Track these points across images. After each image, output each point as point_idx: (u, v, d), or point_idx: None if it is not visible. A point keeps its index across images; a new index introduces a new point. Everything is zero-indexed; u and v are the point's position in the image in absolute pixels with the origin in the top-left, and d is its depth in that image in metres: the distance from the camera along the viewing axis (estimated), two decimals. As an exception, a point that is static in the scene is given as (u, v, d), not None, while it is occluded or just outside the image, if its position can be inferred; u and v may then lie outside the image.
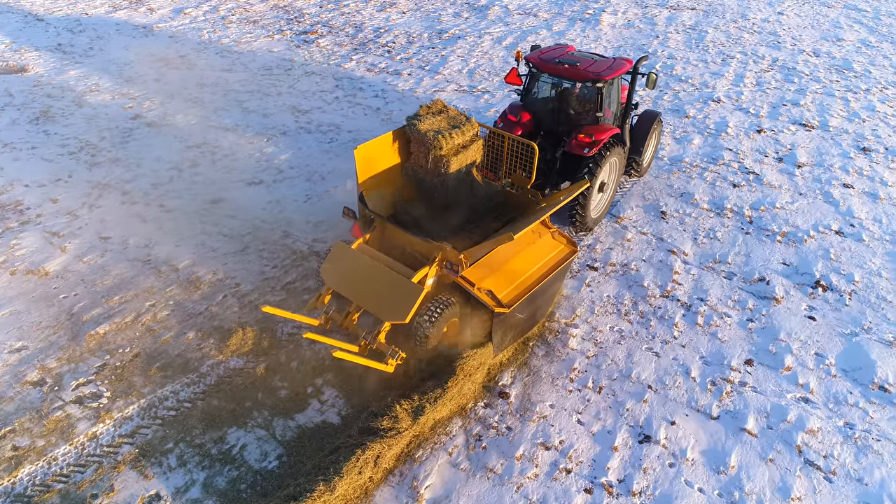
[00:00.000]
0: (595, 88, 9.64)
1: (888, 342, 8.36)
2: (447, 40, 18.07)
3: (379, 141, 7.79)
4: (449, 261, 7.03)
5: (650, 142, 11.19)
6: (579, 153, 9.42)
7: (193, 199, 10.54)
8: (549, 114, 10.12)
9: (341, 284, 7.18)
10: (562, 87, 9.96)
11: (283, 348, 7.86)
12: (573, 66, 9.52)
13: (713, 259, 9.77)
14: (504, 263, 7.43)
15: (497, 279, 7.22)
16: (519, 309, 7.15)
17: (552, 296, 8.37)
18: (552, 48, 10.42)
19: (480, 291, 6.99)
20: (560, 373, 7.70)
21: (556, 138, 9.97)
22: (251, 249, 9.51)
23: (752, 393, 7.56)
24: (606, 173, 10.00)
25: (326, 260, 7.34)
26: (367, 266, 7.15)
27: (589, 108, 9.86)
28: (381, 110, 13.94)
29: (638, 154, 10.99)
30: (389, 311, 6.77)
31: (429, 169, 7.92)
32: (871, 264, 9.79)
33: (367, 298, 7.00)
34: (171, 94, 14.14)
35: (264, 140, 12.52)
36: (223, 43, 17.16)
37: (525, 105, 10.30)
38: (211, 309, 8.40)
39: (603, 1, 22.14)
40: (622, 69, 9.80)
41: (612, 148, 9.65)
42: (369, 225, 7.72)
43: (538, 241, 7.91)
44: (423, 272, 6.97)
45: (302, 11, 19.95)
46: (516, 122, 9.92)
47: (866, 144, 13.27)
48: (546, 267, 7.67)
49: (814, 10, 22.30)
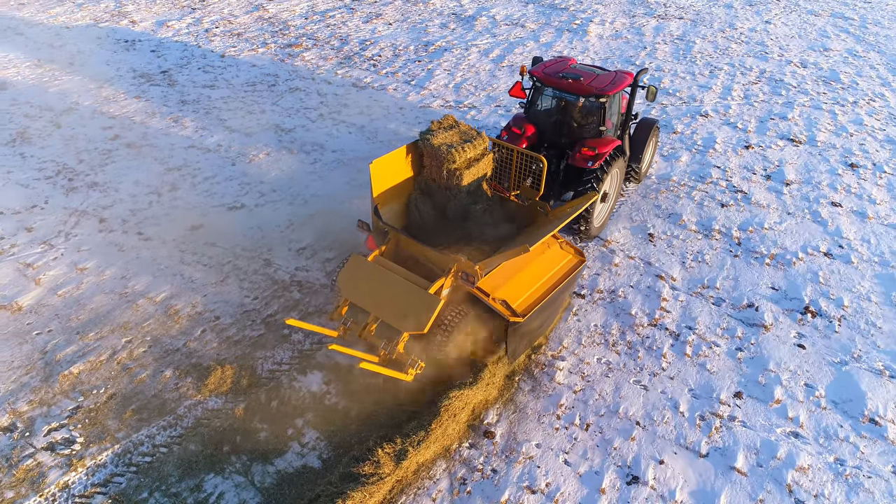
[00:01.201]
0: (598, 103, 9.83)
1: (878, 371, 8.26)
2: (433, 53, 17.90)
3: (393, 155, 7.99)
4: (465, 272, 7.15)
5: (648, 149, 11.47)
6: (583, 166, 9.64)
7: (173, 226, 10.31)
8: (552, 126, 10.35)
9: (359, 296, 7.30)
10: (565, 101, 10.12)
11: (262, 386, 7.67)
12: (577, 80, 9.74)
13: (701, 284, 9.65)
14: (516, 274, 7.61)
15: (510, 289, 7.42)
16: (532, 318, 7.31)
17: (561, 305, 8.59)
18: (554, 61, 10.59)
19: (495, 301, 7.17)
20: (546, 409, 7.54)
21: (560, 150, 10.19)
22: (231, 280, 9.30)
23: (742, 428, 7.43)
24: (609, 184, 10.19)
25: (342, 272, 7.44)
26: (384, 277, 7.27)
27: (592, 121, 10.09)
28: (365, 128, 13.75)
29: (637, 162, 11.29)
30: (408, 322, 6.91)
31: (442, 182, 8.16)
32: (860, 288, 9.70)
33: (385, 309, 7.13)
34: (152, 113, 13.90)
35: (247, 161, 12.30)
36: (206, 57, 16.91)
37: (529, 117, 10.51)
38: (189, 345, 8.19)
39: (590, 10, 22.05)
40: (624, 83, 10.01)
41: (615, 160, 9.88)
42: (383, 237, 7.84)
43: (547, 251, 8.07)
44: (439, 283, 7.10)
45: (287, 23, 19.72)
46: (520, 135, 10.13)
47: (854, 160, 13.21)
48: (556, 277, 7.89)
49: (801, 18, 22.31)
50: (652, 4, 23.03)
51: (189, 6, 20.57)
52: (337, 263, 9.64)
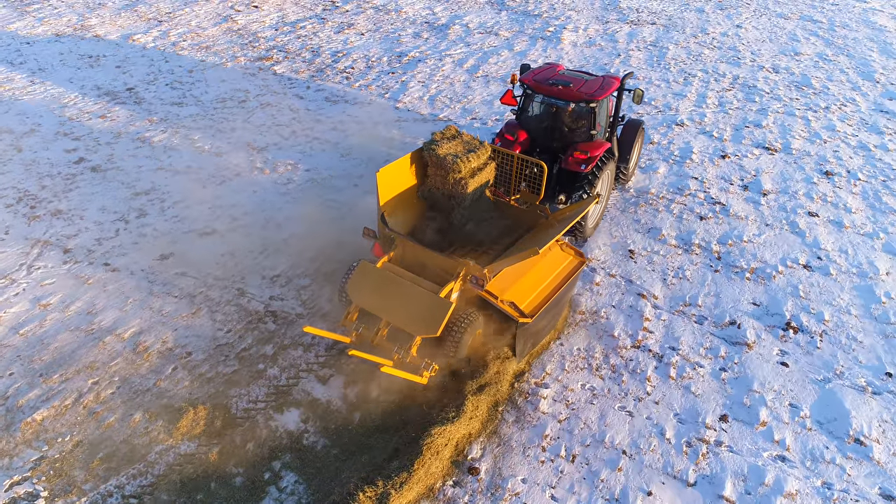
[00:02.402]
0: (588, 108, 10.13)
1: (861, 388, 8.24)
2: (407, 64, 17.67)
3: (399, 163, 8.27)
4: (473, 275, 7.39)
5: (635, 149, 11.85)
6: (576, 170, 9.95)
7: (141, 255, 9.96)
8: (544, 132, 10.68)
9: (369, 302, 7.46)
10: (556, 107, 10.40)
11: (237, 427, 7.38)
12: (567, 87, 10.11)
13: (683, 302, 9.57)
14: (522, 276, 7.89)
15: (517, 291, 7.72)
16: (539, 318, 7.62)
17: (564, 305, 8.91)
18: (543, 68, 10.93)
19: (504, 303, 7.47)
20: (531, 441, 7.37)
21: (552, 154, 10.46)
22: (203, 312, 8.98)
23: (729, 453, 7.34)
24: (601, 185, 10.50)
25: (352, 279, 7.61)
26: (394, 283, 7.47)
27: (582, 125, 10.42)
28: (339, 145, 13.48)
29: (625, 163, 11.69)
30: (421, 326, 7.13)
31: (447, 190, 8.45)
32: (840, 300, 9.71)
33: (396, 314, 7.31)
34: (118, 134, 13.47)
35: (217, 183, 11.96)
36: (174, 73, 16.48)
37: (521, 124, 10.79)
38: (159, 384, 7.87)
39: (564, 17, 22.00)
40: (612, 88, 10.44)
41: (606, 162, 10.29)
42: (390, 244, 8.01)
43: (549, 253, 8.29)
44: (448, 287, 7.35)
45: (257, 35, 19.33)
46: (513, 141, 10.38)
47: (829, 167, 13.28)
48: (559, 278, 8.23)
49: (771, 22, 22.50)
50: (625, 10, 23.07)
51: (155, 19, 20.07)
52: (311, 286, 9.40)
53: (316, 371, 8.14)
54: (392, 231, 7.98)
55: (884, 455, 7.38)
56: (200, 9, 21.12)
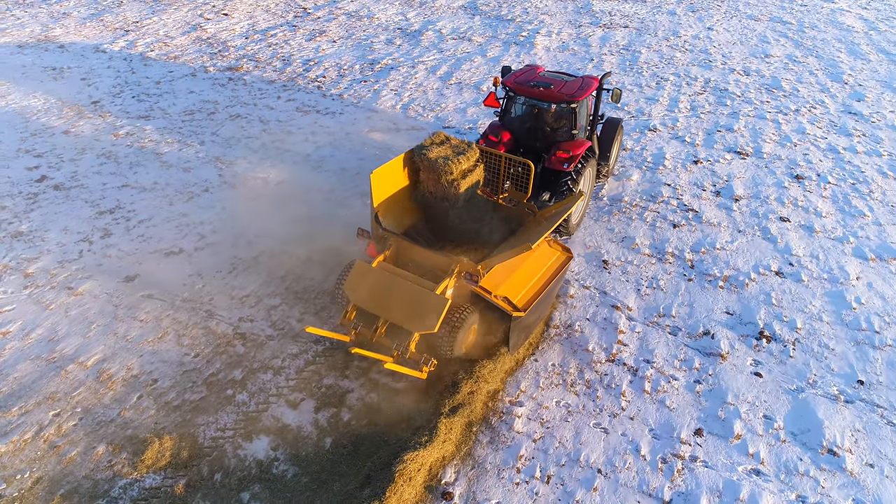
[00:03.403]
0: (570, 108, 10.47)
1: (833, 397, 8.27)
2: (379, 72, 17.51)
3: (391, 165, 8.47)
4: (468, 272, 7.66)
5: (614, 146, 12.21)
6: (559, 168, 10.26)
7: (105, 278, 9.70)
8: (526, 132, 10.98)
9: (367, 301, 7.71)
10: (538, 108, 10.77)
11: (205, 458, 7.19)
12: (548, 88, 10.39)
13: (657, 313, 9.55)
14: (513, 272, 8.16)
15: (509, 286, 7.99)
16: (531, 312, 7.93)
17: (552, 298, 9.23)
18: (524, 70, 11.24)
19: (497, 298, 7.72)
20: (506, 462, 7.28)
21: (535, 154, 10.71)
22: (170, 336, 8.76)
23: (704, 469, 7.31)
24: (583, 182, 10.78)
25: (348, 279, 7.85)
26: (390, 282, 7.69)
27: (564, 125, 10.74)
28: (311, 157, 13.29)
29: (605, 160, 12.02)
30: (419, 323, 7.36)
31: (440, 192, 8.70)
32: (812, 307, 9.75)
33: (394, 312, 7.55)
34: (82, 150, 13.14)
35: (185, 199, 11.71)
36: (141, 84, 16.15)
37: (504, 125, 11.07)
38: (124, 414, 7.64)
39: (537, 21, 21.98)
40: (592, 88, 10.76)
41: (588, 160, 10.66)
42: (385, 243, 8.24)
43: (538, 249, 8.41)
44: (444, 284, 7.61)
45: (227, 44, 19.04)
46: (497, 142, 10.64)
47: (799, 171, 13.38)
48: (549, 272, 8.54)
49: (741, 24, 22.69)
50: (597, 13, 23.12)
51: (122, 29, 19.69)
52: (282, 305, 9.23)
53: (286, 395, 7.97)
54: (386, 231, 8.22)
55: (856, 465, 7.40)
56: (168, 17, 20.78)
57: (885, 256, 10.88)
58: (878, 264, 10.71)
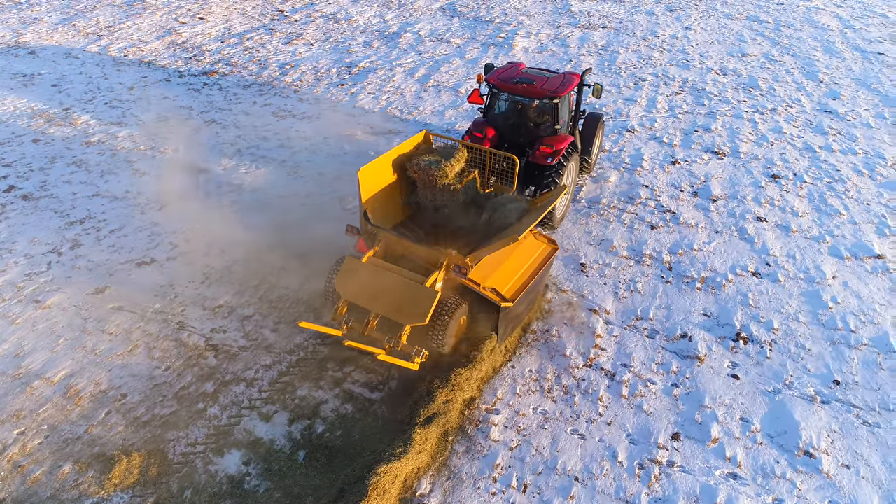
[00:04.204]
0: (552, 104, 10.69)
1: (810, 398, 8.27)
2: (357, 75, 17.37)
3: (378, 162, 8.68)
4: (457, 264, 7.80)
5: (596, 141, 12.40)
6: (543, 163, 10.41)
7: (74, 290, 9.49)
8: (510, 128, 11.17)
9: (358, 295, 7.82)
10: (521, 104, 10.96)
11: (174, 474, 7.03)
12: (530, 84, 10.63)
13: (635, 316, 9.51)
14: (501, 263, 8.30)
15: (497, 277, 8.15)
16: (519, 302, 8.12)
17: (540, 289, 9.36)
18: (507, 67, 11.50)
19: (486, 290, 7.90)
20: (482, 472, 7.19)
21: (519, 149, 10.86)
22: (140, 349, 8.58)
23: (681, 474, 7.27)
24: (567, 176, 10.91)
25: (339, 275, 7.94)
26: (381, 276, 7.84)
27: (547, 121, 10.97)
28: (286, 163, 13.13)
29: (587, 154, 12.22)
30: (410, 316, 7.53)
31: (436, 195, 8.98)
32: (789, 307, 9.76)
33: (385, 306, 7.69)
34: (52, 158, 12.89)
35: (158, 208, 11.50)
36: (114, 90, 15.88)
37: (488, 121, 11.28)
38: (91, 431, 7.46)
39: (515, 23, 21.94)
40: (573, 84, 11.02)
41: (571, 155, 10.77)
42: (374, 239, 8.36)
43: (524, 241, 8.59)
44: (433, 277, 7.76)
45: (202, 48, 18.80)
46: (482, 138, 10.80)
47: (776, 171, 13.43)
48: (535, 264, 8.68)
49: (719, 23, 22.79)
50: (576, 14, 23.13)
51: (95, 34, 19.38)
52: (255, 315, 9.08)
53: (259, 408, 7.83)
54: (375, 226, 8.34)
55: (833, 467, 7.40)
56: (143, 22, 20.50)
57: (861, 255, 10.94)
58: (853, 263, 10.75)
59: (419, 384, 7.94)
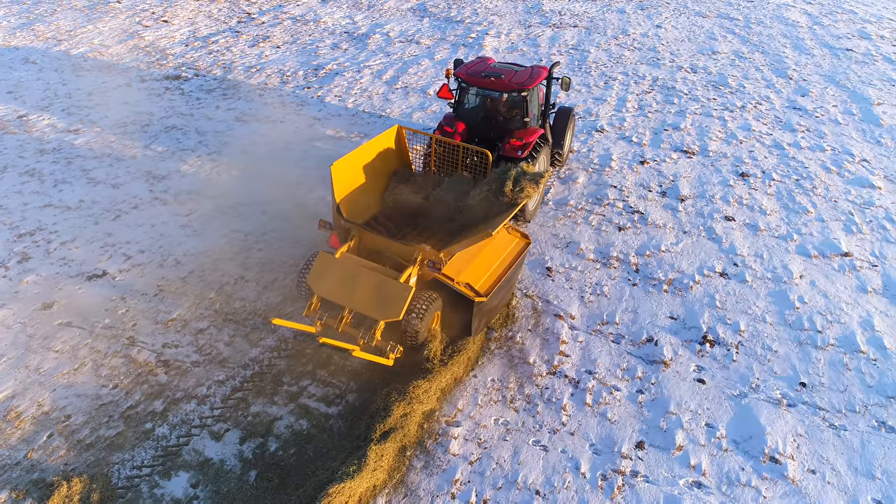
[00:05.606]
0: (521, 97, 10.74)
1: (776, 401, 8.15)
2: (324, 78, 17.07)
3: (351, 157, 8.74)
4: (430, 260, 7.81)
5: (567, 134, 12.47)
6: (514, 156, 10.49)
7: (20, 306, 9.10)
8: (480, 122, 11.30)
9: (331, 291, 7.73)
10: (490, 98, 11.17)
11: (117, 500, 6.72)
12: (499, 78, 10.70)
13: (601, 320, 9.34)
14: (474, 258, 8.32)
15: (471, 272, 8.17)
16: (493, 297, 8.16)
17: (514, 283, 9.38)
18: (475, 62, 11.54)
19: (460, 285, 7.93)
20: (441, 488, 6.96)
21: (490, 143, 10.85)
22: (87, 367, 8.23)
23: (645, 484, 7.09)
24: (538, 168, 10.87)
25: (312, 271, 7.84)
26: (354, 272, 7.75)
27: (516, 114, 11.07)
28: (248, 168, 12.77)
29: (559, 147, 12.26)
30: (384, 311, 7.49)
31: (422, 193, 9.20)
32: (756, 308, 9.65)
33: (359, 302, 7.61)
34: (3, 168, 12.44)
35: (112, 218, 11.13)
36: (72, 97, 15.43)
37: (458, 116, 11.33)
38: (31, 455, 7.11)
39: (486, 22, 21.75)
40: (541, 77, 11.06)
41: (541, 147, 10.93)
42: (347, 234, 8.34)
43: (497, 235, 8.53)
44: (407, 272, 7.72)
45: (165, 52, 18.37)
46: (452, 133, 10.84)
47: (744, 169, 13.36)
48: (509, 258, 8.71)
49: (690, 21, 22.79)
50: (547, 13, 22.99)
51: (54, 38, 18.85)
52: (210, 328, 8.77)
53: (210, 427, 7.53)
54: (348, 221, 8.31)
55: (798, 472, 7.27)
56: (105, 25, 20.00)
57: (828, 253, 10.87)
58: (820, 261, 10.68)
59: (376, 397, 7.69)
